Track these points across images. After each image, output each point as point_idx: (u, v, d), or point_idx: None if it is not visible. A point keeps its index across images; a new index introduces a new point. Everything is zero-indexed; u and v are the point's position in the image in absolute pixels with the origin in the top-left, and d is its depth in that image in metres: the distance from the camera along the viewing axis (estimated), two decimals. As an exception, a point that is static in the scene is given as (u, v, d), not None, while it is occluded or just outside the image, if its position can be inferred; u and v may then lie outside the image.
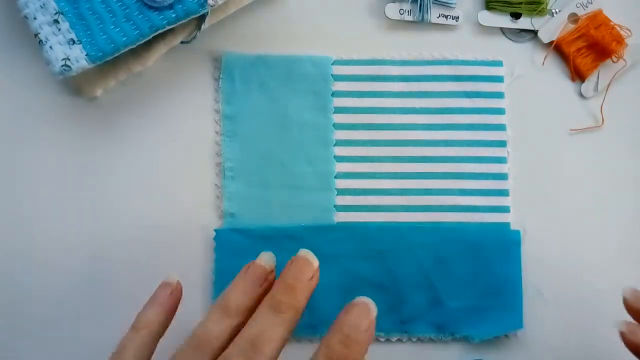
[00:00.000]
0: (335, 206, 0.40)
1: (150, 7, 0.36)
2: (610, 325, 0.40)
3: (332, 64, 0.41)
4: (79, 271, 0.39)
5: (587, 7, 0.42)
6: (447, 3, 0.41)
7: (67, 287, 0.39)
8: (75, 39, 0.36)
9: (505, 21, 0.42)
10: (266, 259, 0.32)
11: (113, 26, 0.36)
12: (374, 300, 0.39)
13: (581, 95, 0.42)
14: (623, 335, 0.32)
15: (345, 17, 0.42)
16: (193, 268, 0.39)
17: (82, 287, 0.39)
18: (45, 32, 0.36)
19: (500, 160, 0.40)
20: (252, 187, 0.40)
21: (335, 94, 0.41)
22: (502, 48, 0.42)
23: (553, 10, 0.42)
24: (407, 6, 0.41)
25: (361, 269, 0.39)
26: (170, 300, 0.32)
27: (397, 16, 0.41)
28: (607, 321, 0.40)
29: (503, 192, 0.40)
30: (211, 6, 0.36)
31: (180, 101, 0.41)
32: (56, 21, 0.36)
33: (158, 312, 0.31)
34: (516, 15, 0.42)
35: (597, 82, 0.41)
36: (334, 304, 0.39)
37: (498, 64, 0.41)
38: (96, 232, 0.39)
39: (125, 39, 0.36)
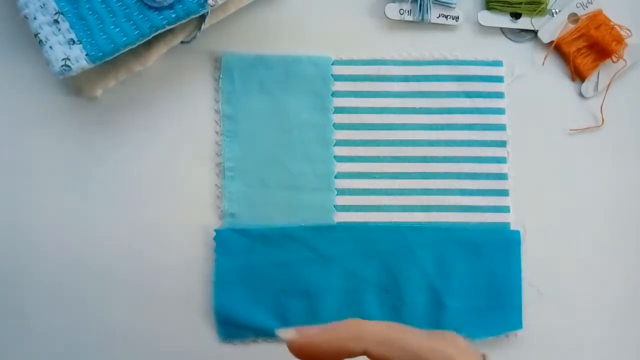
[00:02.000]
0: (335, 206, 0.40)
1: (150, 7, 0.36)
2: (609, 324, 0.40)
3: (332, 64, 0.41)
4: (78, 270, 0.39)
5: (587, 7, 0.42)
6: (447, 3, 0.41)
7: (66, 286, 0.39)
8: (75, 39, 0.36)
9: (505, 21, 0.42)
10: None
11: (113, 26, 0.36)
12: (374, 300, 0.39)
13: (581, 95, 0.42)
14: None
15: (345, 17, 0.42)
16: (193, 268, 0.39)
17: (81, 286, 0.39)
18: (45, 32, 0.36)
19: (500, 160, 0.40)
20: (252, 187, 0.40)
21: (335, 94, 0.41)
22: (502, 48, 0.42)
23: (553, 10, 0.42)
24: (407, 6, 0.41)
25: (361, 269, 0.39)
26: None
27: (397, 16, 0.41)
28: (607, 321, 0.40)
29: (503, 192, 0.40)
30: (211, 6, 0.36)
31: (180, 101, 0.41)
32: (56, 21, 0.36)
33: None
34: (516, 15, 0.42)
35: (597, 82, 0.41)
36: (334, 304, 0.39)
37: (498, 64, 0.41)
38: (96, 231, 0.39)
39: (125, 39, 0.36)
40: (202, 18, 0.38)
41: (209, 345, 0.39)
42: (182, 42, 0.39)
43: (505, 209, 0.40)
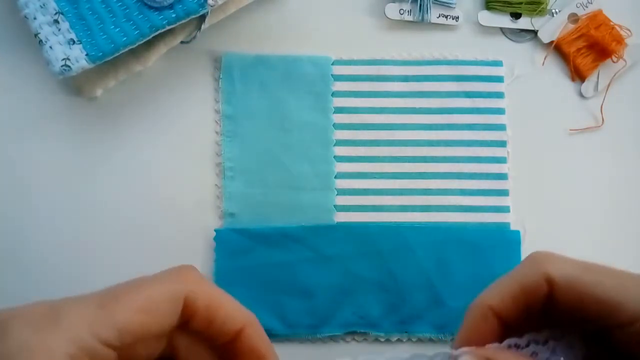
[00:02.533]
0: (335, 206, 0.40)
1: (150, 7, 0.36)
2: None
3: (332, 64, 0.41)
4: (78, 271, 0.39)
5: (587, 7, 0.42)
6: (447, 3, 0.41)
7: (67, 286, 0.39)
8: (75, 39, 0.36)
9: (505, 21, 0.42)
10: None
11: (113, 26, 0.36)
12: (374, 300, 0.39)
13: (581, 95, 0.42)
14: None
15: (345, 17, 0.42)
16: (193, 268, 0.39)
17: (81, 286, 0.39)
18: (45, 32, 0.36)
19: (500, 160, 0.40)
20: (252, 187, 0.40)
21: (335, 94, 0.41)
22: (502, 48, 0.42)
23: (553, 10, 0.42)
24: (407, 6, 0.41)
25: (361, 269, 0.39)
26: None
27: (397, 16, 0.41)
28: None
29: (503, 192, 0.40)
30: (211, 6, 0.36)
31: (180, 101, 0.41)
32: (56, 21, 0.36)
33: None
34: (516, 15, 0.42)
35: (597, 82, 0.41)
36: (334, 304, 0.39)
37: (498, 64, 0.41)
38: (95, 231, 0.39)
39: (125, 39, 0.36)
40: (202, 18, 0.38)
41: (209, 345, 0.39)
42: (182, 42, 0.39)
43: (505, 209, 0.40)
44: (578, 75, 0.42)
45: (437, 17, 0.41)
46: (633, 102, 0.42)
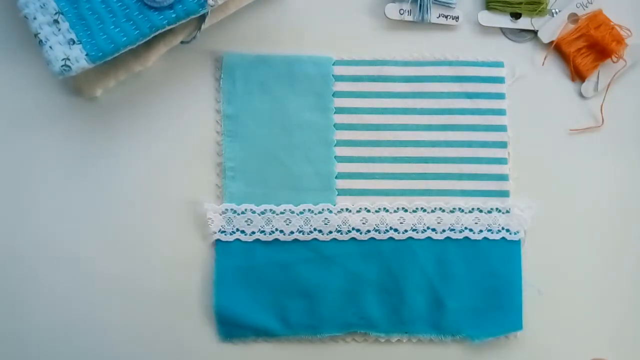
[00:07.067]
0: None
1: (150, 7, 0.36)
2: (610, 325, 0.40)
3: (333, 64, 0.41)
4: (79, 270, 0.39)
5: (587, 7, 0.42)
6: (447, 3, 0.41)
7: (67, 285, 0.39)
8: (75, 39, 0.36)
9: (505, 21, 0.42)
10: None
11: (113, 26, 0.36)
12: (374, 301, 0.39)
13: (581, 95, 0.42)
14: None
15: (346, 17, 0.42)
16: (193, 268, 0.39)
17: (82, 286, 0.39)
18: (45, 32, 0.36)
19: (501, 161, 0.40)
20: (253, 187, 0.40)
21: (336, 94, 0.41)
22: (502, 48, 0.42)
23: (553, 10, 0.42)
24: (407, 6, 0.41)
25: (362, 270, 0.39)
26: None
27: (397, 16, 0.41)
28: (606, 322, 0.40)
29: (503, 194, 0.40)
30: (211, 6, 0.36)
31: (181, 101, 0.41)
32: (56, 21, 0.36)
33: None
34: (516, 15, 0.42)
35: (597, 82, 0.41)
36: (334, 304, 0.39)
37: (499, 64, 0.41)
38: (95, 232, 0.39)
39: (125, 39, 0.36)
40: (202, 18, 0.38)
41: (209, 345, 0.39)
42: (182, 42, 0.39)
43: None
44: (578, 75, 0.42)
45: (437, 17, 0.41)
46: (633, 102, 0.42)
